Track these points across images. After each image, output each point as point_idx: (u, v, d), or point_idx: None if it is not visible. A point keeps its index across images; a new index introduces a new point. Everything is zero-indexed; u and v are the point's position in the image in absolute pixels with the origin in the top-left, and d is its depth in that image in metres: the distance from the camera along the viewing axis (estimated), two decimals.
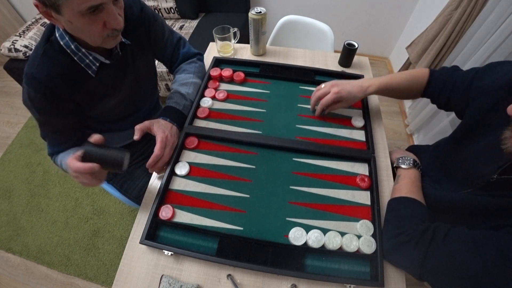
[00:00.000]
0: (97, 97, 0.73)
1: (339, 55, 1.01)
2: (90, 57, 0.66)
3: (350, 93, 0.74)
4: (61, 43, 0.62)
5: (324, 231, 0.61)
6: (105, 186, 0.92)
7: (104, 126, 0.87)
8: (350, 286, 0.55)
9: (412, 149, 0.93)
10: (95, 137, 0.57)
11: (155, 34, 0.81)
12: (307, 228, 0.62)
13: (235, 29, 1.00)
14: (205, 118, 0.82)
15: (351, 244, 0.59)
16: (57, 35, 0.62)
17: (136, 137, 0.67)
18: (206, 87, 0.89)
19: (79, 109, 0.72)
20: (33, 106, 0.65)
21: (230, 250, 0.59)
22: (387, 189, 0.70)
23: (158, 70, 1.60)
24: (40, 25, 1.93)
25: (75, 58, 0.65)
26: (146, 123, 0.70)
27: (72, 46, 0.63)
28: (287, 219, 0.64)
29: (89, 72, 0.68)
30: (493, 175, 0.52)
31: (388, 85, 0.74)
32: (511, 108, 0.43)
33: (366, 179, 0.69)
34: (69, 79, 0.65)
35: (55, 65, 0.63)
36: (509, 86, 0.56)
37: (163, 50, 0.87)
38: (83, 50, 0.64)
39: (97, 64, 0.68)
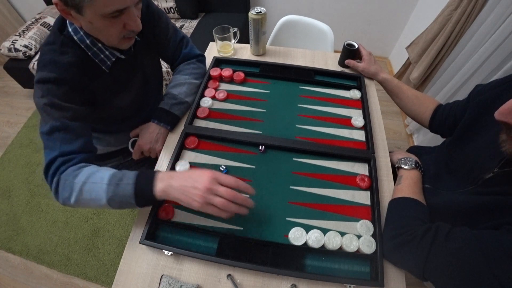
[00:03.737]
0: (112, 93, 0.73)
1: (339, 55, 1.01)
2: (107, 52, 0.67)
3: (375, 62, 0.93)
4: (75, 38, 0.62)
5: (324, 231, 0.61)
6: None
7: (109, 127, 0.87)
8: (350, 286, 0.55)
9: (413, 150, 0.93)
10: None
11: (159, 31, 0.81)
12: (307, 228, 0.62)
13: (235, 29, 1.00)
14: (205, 118, 0.82)
15: (351, 244, 0.59)
16: (70, 29, 0.62)
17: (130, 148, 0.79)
18: (206, 87, 0.89)
19: (94, 102, 0.69)
20: (43, 87, 0.58)
21: (230, 250, 0.59)
22: (387, 189, 0.70)
23: None
24: (40, 25, 1.93)
25: (89, 53, 0.64)
26: (136, 130, 0.82)
27: (87, 41, 0.63)
28: (287, 219, 0.64)
29: (103, 67, 0.68)
30: (494, 169, 0.52)
31: (398, 85, 0.86)
32: (497, 113, 0.44)
33: (366, 179, 0.69)
34: (85, 71, 0.65)
35: (73, 55, 0.62)
36: (506, 83, 0.57)
37: (165, 48, 0.86)
38: (99, 45, 0.64)
39: (113, 59, 0.69)
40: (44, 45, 0.63)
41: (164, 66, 1.58)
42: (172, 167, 0.70)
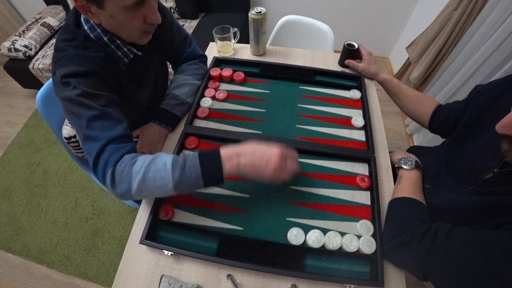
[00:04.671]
0: (132, 88, 0.74)
1: (339, 55, 1.01)
2: (125, 49, 0.67)
3: (375, 62, 0.93)
4: (92, 36, 0.62)
5: (324, 231, 0.61)
6: None
7: None
8: (350, 286, 0.55)
9: (413, 150, 0.93)
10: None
11: (164, 27, 0.80)
12: (307, 228, 0.62)
13: (235, 29, 1.00)
14: (205, 118, 0.82)
15: (351, 244, 0.59)
16: (85, 27, 0.61)
17: None
18: (206, 87, 0.89)
19: (120, 93, 0.68)
20: (73, 80, 0.56)
21: (230, 250, 0.59)
22: (387, 189, 0.70)
23: None
24: (40, 25, 1.93)
25: (112, 47, 0.64)
26: (137, 131, 0.81)
27: (105, 39, 0.62)
28: (287, 219, 0.64)
29: (120, 65, 0.68)
30: (494, 169, 0.52)
31: (398, 85, 0.86)
32: (499, 126, 0.44)
33: (366, 179, 0.69)
34: (109, 64, 0.65)
35: (96, 50, 0.62)
36: (505, 83, 0.57)
37: (169, 45, 0.86)
38: (118, 42, 0.64)
39: (131, 56, 0.69)
40: (60, 42, 0.61)
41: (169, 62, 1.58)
42: None
